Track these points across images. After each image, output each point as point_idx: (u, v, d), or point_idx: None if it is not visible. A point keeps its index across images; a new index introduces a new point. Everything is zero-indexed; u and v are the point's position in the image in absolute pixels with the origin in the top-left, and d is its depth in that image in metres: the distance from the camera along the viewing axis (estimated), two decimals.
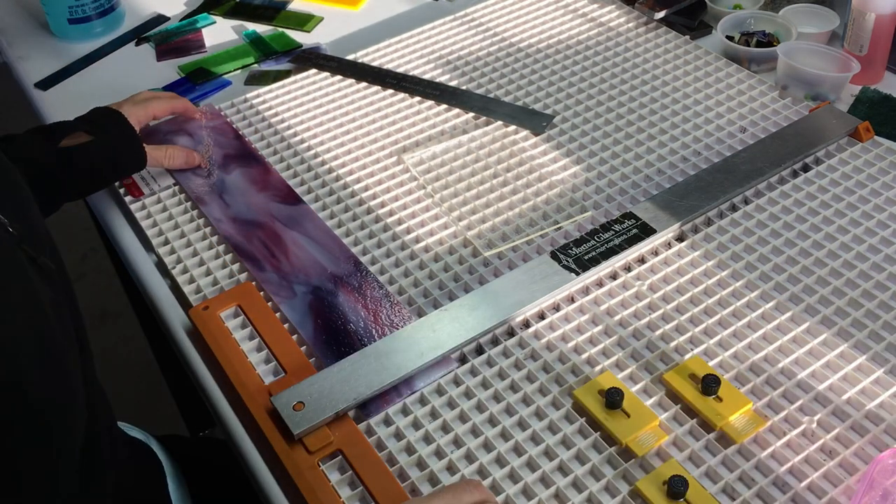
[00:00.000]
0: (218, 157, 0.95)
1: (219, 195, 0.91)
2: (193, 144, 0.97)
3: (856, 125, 0.90)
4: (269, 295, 0.80)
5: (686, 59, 1.05)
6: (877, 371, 0.70)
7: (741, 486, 0.63)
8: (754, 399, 0.68)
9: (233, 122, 1.01)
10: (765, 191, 0.86)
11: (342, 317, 0.77)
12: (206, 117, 1.01)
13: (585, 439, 0.67)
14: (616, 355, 0.72)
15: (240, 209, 0.89)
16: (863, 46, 0.97)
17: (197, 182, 0.92)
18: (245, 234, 0.86)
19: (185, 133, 0.99)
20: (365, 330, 0.76)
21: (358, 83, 1.05)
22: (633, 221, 0.82)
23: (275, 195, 0.90)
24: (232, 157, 0.96)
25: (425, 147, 0.95)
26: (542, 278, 0.77)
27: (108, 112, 0.89)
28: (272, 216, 0.88)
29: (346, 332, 0.76)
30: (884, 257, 0.79)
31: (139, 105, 0.92)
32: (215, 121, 1.01)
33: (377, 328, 0.76)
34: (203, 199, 0.90)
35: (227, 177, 0.93)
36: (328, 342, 0.75)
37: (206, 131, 0.99)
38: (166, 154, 0.91)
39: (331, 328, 0.76)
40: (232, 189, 0.91)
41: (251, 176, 0.93)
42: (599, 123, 0.96)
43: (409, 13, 1.22)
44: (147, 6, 1.27)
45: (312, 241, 0.85)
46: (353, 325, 0.76)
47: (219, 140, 0.98)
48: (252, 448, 0.70)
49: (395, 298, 0.78)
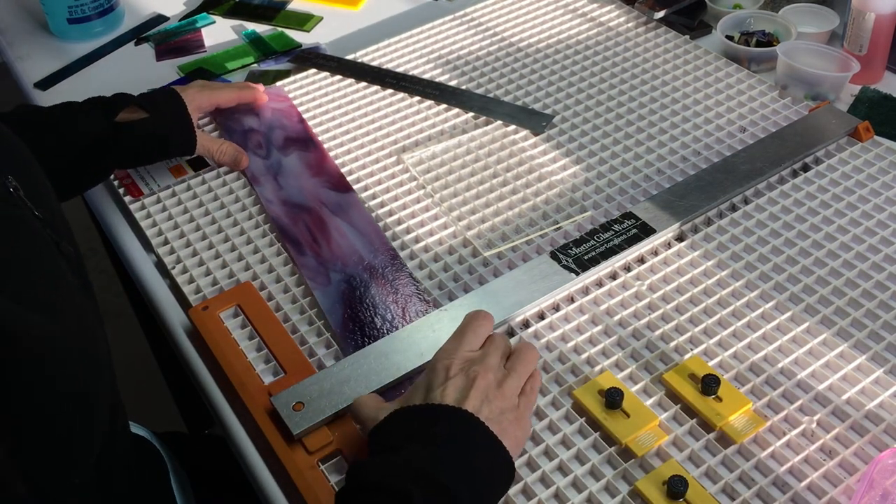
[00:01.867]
0: (279, 139, 0.97)
1: (273, 176, 0.92)
2: (258, 124, 0.98)
3: (855, 125, 0.90)
4: (304, 280, 0.80)
5: (686, 58, 1.05)
6: (876, 371, 0.70)
7: (741, 486, 0.63)
8: (754, 399, 0.68)
9: (299, 104, 1.02)
10: (764, 191, 0.86)
11: (371, 308, 0.77)
12: (273, 98, 1.01)
13: (585, 439, 0.67)
14: (616, 355, 0.72)
15: (291, 192, 0.90)
16: (862, 46, 0.97)
17: (255, 161, 0.94)
18: (292, 217, 0.87)
19: (253, 112, 1.00)
20: (391, 324, 0.76)
21: (357, 83, 1.05)
22: (633, 221, 0.82)
23: (327, 181, 0.91)
24: (292, 140, 0.97)
25: (425, 147, 0.95)
26: (541, 278, 0.77)
27: (170, 93, 0.91)
28: (321, 202, 0.89)
29: (372, 325, 0.76)
30: (884, 257, 0.79)
31: (205, 91, 0.94)
32: (283, 103, 1.02)
33: (404, 323, 0.76)
34: (258, 178, 0.92)
35: (285, 159, 0.94)
36: (353, 332, 0.76)
37: (272, 112, 0.99)
38: (219, 148, 0.92)
39: (358, 318, 0.77)
40: (287, 172, 0.93)
41: (307, 160, 0.94)
42: (599, 123, 0.96)
43: (409, 13, 1.22)
44: (146, 6, 1.27)
45: (355, 229, 0.85)
46: (380, 317, 0.77)
47: (282, 122, 0.99)
48: (251, 448, 0.70)
49: (427, 296, 0.78)
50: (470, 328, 0.66)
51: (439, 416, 0.60)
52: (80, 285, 0.62)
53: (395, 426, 0.61)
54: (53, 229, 0.62)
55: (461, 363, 0.63)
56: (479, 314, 0.68)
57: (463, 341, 0.65)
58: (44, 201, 0.64)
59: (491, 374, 0.63)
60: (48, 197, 0.66)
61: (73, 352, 0.55)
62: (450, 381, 0.62)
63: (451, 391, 0.61)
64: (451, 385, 0.62)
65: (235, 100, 0.97)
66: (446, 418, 0.60)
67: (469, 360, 0.64)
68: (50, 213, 0.63)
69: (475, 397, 0.61)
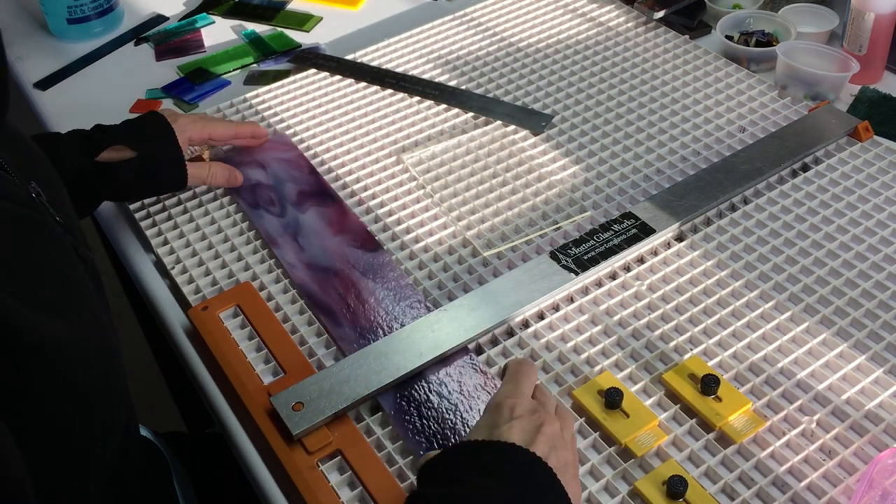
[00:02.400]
0: (292, 193, 0.89)
1: (293, 237, 0.84)
2: (266, 177, 0.91)
3: (855, 125, 0.90)
4: (342, 353, 0.74)
5: (685, 58, 1.05)
6: (876, 371, 0.70)
7: (741, 486, 0.63)
8: (754, 399, 0.68)
9: (308, 155, 0.94)
10: (764, 190, 0.86)
11: (423, 384, 0.70)
12: (277, 147, 0.94)
13: (585, 439, 0.67)
14: (615, 355, 0.72)
15: (315, 254, 0.82)
16: (862, 46, 0.97)
17: (270, 221, 0.86)
18: (320, 282, 0.80)
19: (258, 165, 0.93)
20: (449, 401, 0.69)
21: (357, 83, 1.05)
22: (633, 221, 0.82)
23: (353, 240, 0.84)
24: (307, 194, 0.89)
25: (424, 147, 0.95)
26: (541, 278, 0.77)
27: (160, 123, 0.85)
28: (349, 262, 0.81)
29: (429, 403, 0.69)
30: (883, 257, 0.79)
31: (198, 123, 0.88)
32: (289, 152, 0.94)
33: (462, 399, 0.69)
34: (275, 240, 0.84)
35: (302, 216, 0.86)
36: (409, 412, 0.69)
37: (279, 164, 0.92)
38: (209, 172, 0.88)
39: (413, 398, 0.70)
40: (307, 230, 0.85)
41: (328, 217, 0.86)
42: (599, 123, 0.96)
43: (409, 13, 1.22)
44: (146, 6, 1.27)
45: (391, 292, 0.78)
46: (436, 394, 0.70)
47: (292, 174, 0.91)
48: (251, 448, 0.70)
49: (479, 364, 0.72)
50: (524, 374, 0.65)
51: (507, 454, 0.57)
52: (96, 291, 0.62)
53: (459, 457, 0.58)
54: (73, 235, 0.62)
55: (526, 405, 0.61)
56: (528, 363, 0.67)
57: (521, 386, 0.63)
58: (64, 208, 0.64)
59: (557, 424, 0.61)
60: (67, 205, 0.66)
61: (90, 355, 0.55)
62: (515, 421, 0.59)
63: (518, 431, 0.59)
64: (517, 425, 0.59)
65: (232, 135, 0.90)
66: (514, 457, 0.57)
67: (532, 404, 0.62)
68: (69, 219, 0.64)
69: (543, 443, 0.58)
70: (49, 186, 0.64)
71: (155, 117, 0.86)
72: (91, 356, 0.55)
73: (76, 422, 0.53)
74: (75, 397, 0.53)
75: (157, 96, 1.09)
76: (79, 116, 1.06)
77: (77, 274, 0.58)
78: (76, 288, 0.57)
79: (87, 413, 0.54)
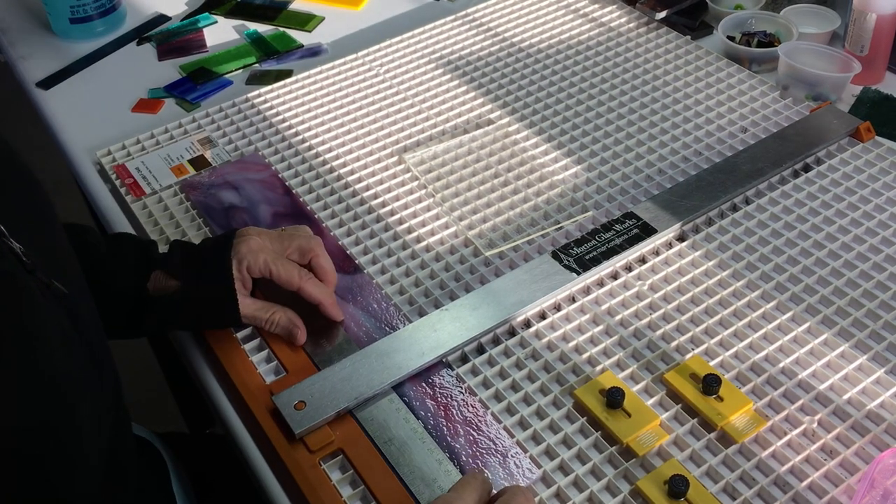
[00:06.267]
0: (266, 215, 0.86)
1: None
2: (240, 199, 0.87)
3: (857, 125, 0.90)
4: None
5: (687, 59, 1.05)
6: (877, 371, 0.70)
7: (742, 486, 0.64)
8: (755, 399, 0.68)
9: (284, 177, 0.91)
10: (766, 191, 0.87)
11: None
12: (250, 168, 0.90)
13: (586, 439, 0.67)
14: (617, 355, 0.72)
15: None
16: (864, 47, 0.97)
17: None
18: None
19: (231, 186, 0.89)
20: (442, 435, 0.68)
21: (359, 82, 1.05)
22: (634, 221, 0.82)
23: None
24: (282, 215, 0.86)
25: (426, 146, 0.95)
26: (543, 278, 0.77)
27: (218, 253, 0.74)
28: None
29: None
30: (884, 257, 0.79)
31: (261, 255, 0.74)
32: (262, 173, 0.91)
33: (449, 426, 0.68)
34: None
35: None
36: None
37: (252, 185, 0.88)
38: (269, 318, 0.75)
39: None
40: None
41: None
42: (600, 123, 0.97)
43: (411, 13, 1.22)
44: (148, 6, 1.27)
45: (370, 315, 0.77)
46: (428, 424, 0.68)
47: (265, 195, 0.88)
48: (253, 447, 0.70)
49: (470, 398, 0.70)
50: (472, 486, 0.59)
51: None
52: (67, 326, 0.58)
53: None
54: (47, 269, 0.57)
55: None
56: (481, 479, 0.60)
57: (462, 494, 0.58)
58: (38, 238, 0.59)
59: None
60: (47, 232, 0.61)
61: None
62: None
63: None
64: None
65: (295, 288, 0.75)
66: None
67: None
68: (45, 250, 0.59)
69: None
70: (12, 215, 0.58)
71: (216, 245, 0.76)
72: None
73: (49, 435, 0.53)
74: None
75: (160, 96, 1.09)
76: (81, 116, 1.06)
77: (19, 319, 0.53)
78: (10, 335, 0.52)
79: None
